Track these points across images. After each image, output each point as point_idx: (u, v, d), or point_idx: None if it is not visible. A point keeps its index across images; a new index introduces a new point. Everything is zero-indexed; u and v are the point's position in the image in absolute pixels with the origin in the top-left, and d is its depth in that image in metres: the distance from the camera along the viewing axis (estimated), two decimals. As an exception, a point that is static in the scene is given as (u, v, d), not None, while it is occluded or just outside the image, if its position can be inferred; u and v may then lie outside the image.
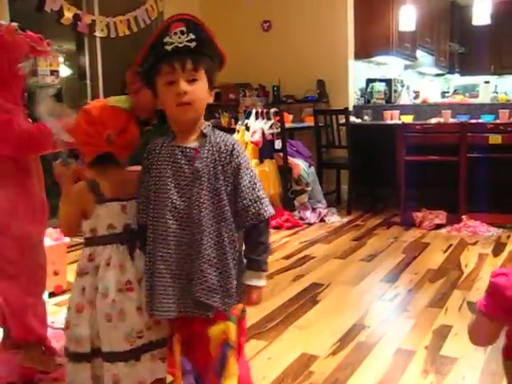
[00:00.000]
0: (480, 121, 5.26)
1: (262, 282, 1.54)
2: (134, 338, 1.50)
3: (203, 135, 1.48)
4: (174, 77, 1.41)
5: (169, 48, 1.39)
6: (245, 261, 1.52)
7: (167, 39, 1.40)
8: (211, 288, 1.45)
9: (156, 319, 1.51)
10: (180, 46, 1.39)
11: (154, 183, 1.48)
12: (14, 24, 2.11)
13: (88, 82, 5.31)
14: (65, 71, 5.41)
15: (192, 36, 1.41)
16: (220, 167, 1.45)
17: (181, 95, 1.40)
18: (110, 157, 1.57)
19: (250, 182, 1.48)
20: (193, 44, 1.41)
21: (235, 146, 1.48)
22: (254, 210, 1.47)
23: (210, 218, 1.44)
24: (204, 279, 1.44)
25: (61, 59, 5.10)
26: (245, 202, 1.46)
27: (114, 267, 1.52)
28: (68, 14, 4.83)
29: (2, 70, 2.01)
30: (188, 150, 1.46)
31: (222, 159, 1.46)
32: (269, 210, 1.49)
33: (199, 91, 1.44)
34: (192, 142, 1.48)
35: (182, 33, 1.40)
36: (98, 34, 5.18)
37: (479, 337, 1.21)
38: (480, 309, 1.15)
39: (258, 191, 1.48)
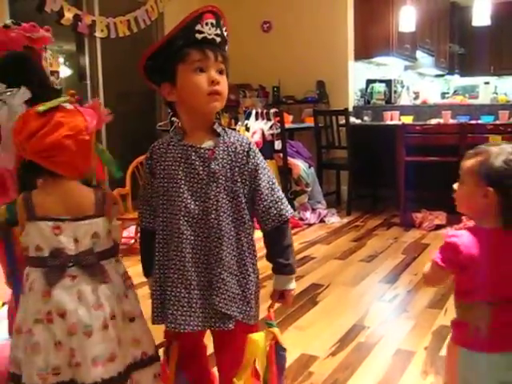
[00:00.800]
0: (480, 122, 5.27)
1: (294, 284, 1.50)
2: (47, 375, 1.35)
3: (216, 134, 1.41)
4: (204, 64, 1.36)
5: (199, 36, 1.35)
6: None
7: (199, 27, 1.35)
8: (231, 297, 1.39)
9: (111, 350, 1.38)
10: (209, 37, 1.37)
11: (162, 186, 1.40)
12: (8, 21, 2.11)
13: (88, 82, 5.31)
14: (65, 71, 5.41)
15: (219, 31, 1.39)
16: (237, 168, 1.39)
17: (214, 83, 1.36)
18: (36, 166, 1.40)
19: (268, 182, 1.42)
20: (218, 39, 1.39)
21: (251, 146, 1.42)
22: (275, 212, 1.42)
23: (229, 223, 1.38)
24: (225, 288, 1.38)
25: (61, 60, 5.10)
26: (265, 203, 1.41)
27: (36, 294, 1.38)
28: (68, 15, 4.83)
29: None
30: (203, 151, 1.38)
31: (239, 160, 1.39)
32: (290, 209, 1.45)
33: (225, 84, 1.40)
34: (205, 142, 1.40)
35: (213, 25, 1.38)
36: (98, 34, 5.18)
37: (433, 281, 1.53)
38: (436, 262, 1.39)
39: (278, 191, 1.44)
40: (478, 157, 1.40)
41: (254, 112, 5.17)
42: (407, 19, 6.26)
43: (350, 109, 6.00)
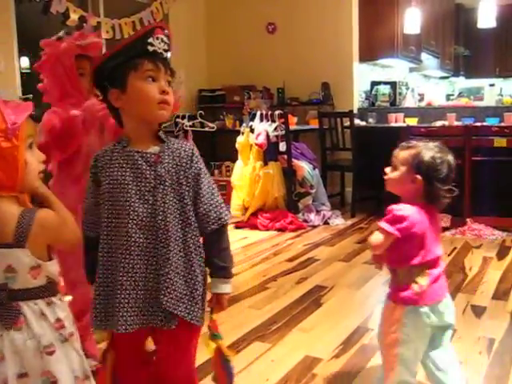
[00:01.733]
0: (485, 124, 5.25)
1: (229, 288, 1.53)
2: None
3: (161, 141, 1.46)
4: (156, 74, 1.41)
5: (151, 49, 1.41)
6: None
7: (151, 40, 1.41)
8: (179, 297, 1.42)
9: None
10: (159, 51, 1.42)
11: (108, 192, 1.42)
12: (60, 33, 2.16)
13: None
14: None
15: (167, 47, 1.45)
16: (182, 172, 1.44)
17: (165, 93, 1.41)
18: None
19: (209, 187, 1.48)
20: (166, 54, 1.45)
21: (194, 152, 1.48)
22: (215, 215, 1.47)
23: (176, 224, 1.42)
24: (172, 288, 1.41)
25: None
26: (205, 206, 1.46)
27: None
28: (74, 16, 4.85)
29: (63, 82, 2.09)
30: (149, 155, 1.43)
31: (184, 164, 1.45)
32: (228, 215, 1.52)
33: (172, 96, 1.46)
34: (151, 147, 1.45)
35: (162, 40, 1.44)
36: (103, 35, 5.19)
37: (382, 249, 1.71)
38: (389, 232, 1.66)
39: (217, 196, 1.50)
40: (411, 150, 1.75)
41: (258, 113, 5.17)
42: (412, 21, 6.25)
43: (355, 111, 6.00)
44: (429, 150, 1.73)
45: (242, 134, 5.13)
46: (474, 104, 6.70)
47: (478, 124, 5.18)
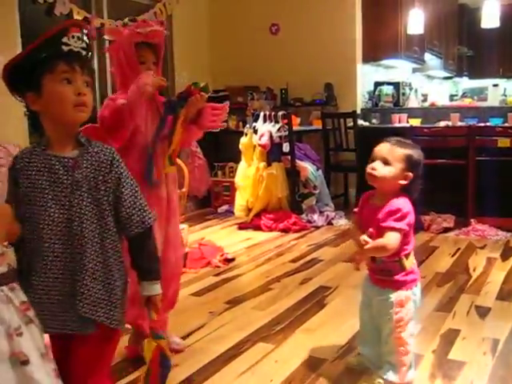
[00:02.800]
0: (488, 124, 5.24)
1: (159, 289, 1.53)
2: None
3: (80, 144, 1.44)
4: (71, 76, 1.38)
5: (66, 49, 1.38)
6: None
7: (65, 40, 1.38)
8: (96, 302, 1.41)
9: None
10: (75, 50, 1.40)
11: (26, 195, 1.39)
12: (126, 19, 2.26)
13: (97, 84, 5.33)
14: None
15: (84, 44, 1.43)
16: (101, 177, 1.42)
17: (81, 95, 1.39)
18: None
19: (131, 190, 1.46)
20: (84, 52, 1.43)
21: (115, 155, 1.46)
22: (138, 218, 1.46)
23: (93, 230, 1.41)
24: (89, 294, 1.39)
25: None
26: (128, 210, 1.45)
27: None
28: (77, 18, 4.86)
29: (124, 70, 2.12)
30: (66, 160, 1.40)
31: (103, 169, 1.43)
32: (152, 217, 1.50)
33: (91, 96, 1.44)
34: (69, 151, 1.42)
35: (79, 38, 1.41)
36: (106, 37, 5.20)
37: (395, 247, 1.88)
38: (403, 229, 1.87)
39: (141, 199, 1.48)
40: (405, 148, 1.91)
41: (261, 114, 5.18)
42: (415, 21, 6.25)
43: (358, 111, 5.99)
44: (416, 149, 1.94)
45: (246, 134, 5.14)
46: (477, 104, 6.69)
47: (482, 124, 5.17)
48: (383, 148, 1.94)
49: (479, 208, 4.62)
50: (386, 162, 1.90)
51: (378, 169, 1.91)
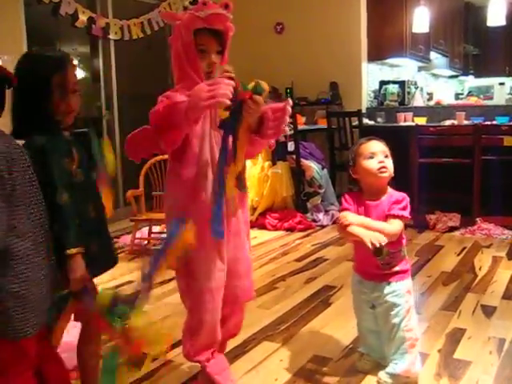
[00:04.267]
0: (494, 122, 5.22)
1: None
2: None
3: None
4: None
5: None
6: None
7: None
8: None
9: None
10: None
11: None
12: (186, 3, 1.91)
13: (102, 84, 5.35)
14: (79, 74, 5.46)
15: None
16: None
17: None
18: None
19: None
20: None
21: None
22: None
23: None
24: None
25: (75, 62, 5.15)
26: None
27: None
28: (83, 18, 4.88)
29: (181, 60, 1.79)
30: None
31: None
32: None
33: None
34: None
35: None
36: (111, 36, 5.22)
37: (397, 234, 1.95)
38: (407, 217, 1.95)
39: None
40: (384, 143, 2.02)
41: (266, 113, 5.16)
42: (421, 20, 6.23)
43: (364, 110, 5.99)
44: None
45: (251, 133, 5.12)
46: (483, 103, 6.66)
47: (488, 123, 5.15)
48: (376, 143, 2.01)
49: (485, 207, 4.60)
50: (386, 156, 1.99)
51: (385, 162, 1.98)
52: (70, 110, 1.63)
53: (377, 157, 1.97)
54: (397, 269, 2.01)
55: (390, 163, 1.99)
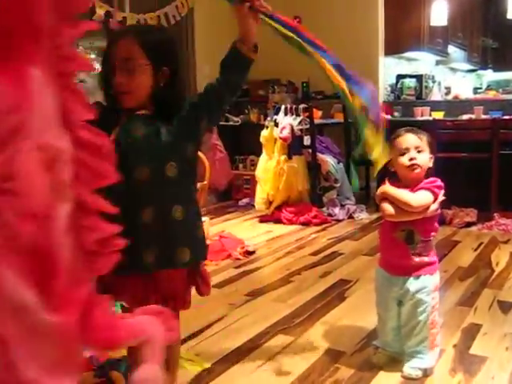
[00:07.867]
0: (513, 117, 5.16)
1: None
2: None
3: None
4: None
5: None
6: None
7: None
8: None
9: None
10: None
11: None
12: None
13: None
14: (96, 68, 5.49)
15: None
16: None
17: None
18: None
19: None
20: None
21: None
22: None
23: None
24: None
25: (92, 56, 5.18)
26: None
27: None
28: (100, 11, 4.90)
29: None
30: None
31: None
32: None
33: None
34: None
35: None
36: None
37: (425, 207, 2.02)
38: (436, 192, 2.04)
39: None
40: (423, 135, 2.02)
41: (283, 107, 5.17)
42: (439, 13, 6.17)
43: (380, 104, 5.95)
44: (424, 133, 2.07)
45: (267, 127, 5.13)
46: (502, 97, 6.57)
47: (506, 117, 5.09)
48: (410, 137, 2.00)
49: (502, 202, 4.56)
50: (419, 150, 1.99)
51: (417, 157, 1.97)
52: None
53: (409, 153, 1.97)
54: (426, 260, 2.03)
55: (422, 158, 1.98)
